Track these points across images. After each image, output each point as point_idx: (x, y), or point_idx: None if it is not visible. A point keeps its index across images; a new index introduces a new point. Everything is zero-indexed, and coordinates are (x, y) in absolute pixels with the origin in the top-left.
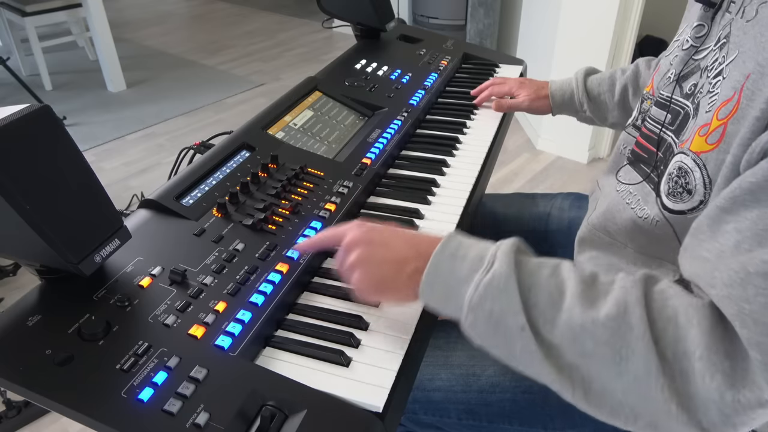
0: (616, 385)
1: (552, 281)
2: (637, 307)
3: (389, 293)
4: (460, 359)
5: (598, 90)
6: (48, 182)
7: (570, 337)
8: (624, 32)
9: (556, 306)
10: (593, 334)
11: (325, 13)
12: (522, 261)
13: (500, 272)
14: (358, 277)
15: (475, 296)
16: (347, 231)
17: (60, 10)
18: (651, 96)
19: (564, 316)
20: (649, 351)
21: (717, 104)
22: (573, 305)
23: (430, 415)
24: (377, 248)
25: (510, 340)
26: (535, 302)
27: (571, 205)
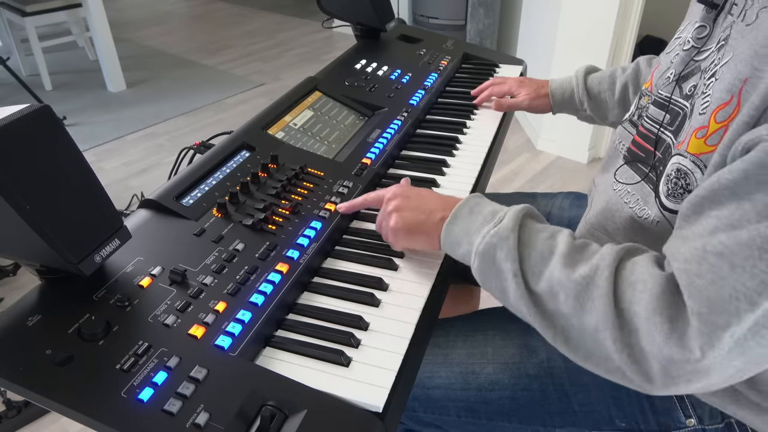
0: (583, 335)
1: (546, 242)
2: (606, 270)
3: (419, 236)
4: (459, 357)
5: (598, 88)
6: (48, 182)
7: (548, 288)
8: (624, 32)
9: (544, 262)
10: (566, 288)
11: (325, 13)
12: (526, 222)
13: (505, 226)
14: (393, 221)
15: (482, 244)
16: (389, 189)
17: (60, 10)
18: (650, 93)
19: (547, 271)
20: (608, 307)
21: (712, 107)
22: (556, 263)
23: (430, 413)
24: (413, 200)
25: (505, 284)
26: (527, 255)
27: (572, 204)
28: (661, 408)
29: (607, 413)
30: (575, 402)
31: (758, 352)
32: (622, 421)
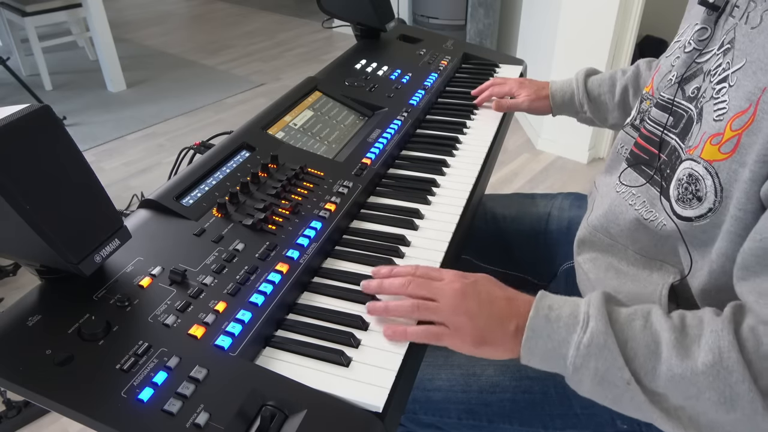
0: (724, 419)
1: (647, 333)
2: (732, 351)
3: (488, 347)
4: (460, 359)
5: (598, 91)
6: (48, 182)
7: (672, 386)
8: (624, 32)
9: (655, 357)
10: (694, 383)
11: (325, 13)
12: (614, 313)
13: (597, 330)
14: (463, 329)
15: (577, 358)
16: (447, 276)
17: (60, 10)
18: (651, 96)
19: (663, 367)
20: (752, 391)
21: (729, 114)
22: (670, 356)
23: (431, 415)
24: (484, 304)
25: (617, 393)
26: (633, 355)
27: (571, 204)
28: None
29: (609, 416)
30: (576, 404)
31: None
32: (624, 424)
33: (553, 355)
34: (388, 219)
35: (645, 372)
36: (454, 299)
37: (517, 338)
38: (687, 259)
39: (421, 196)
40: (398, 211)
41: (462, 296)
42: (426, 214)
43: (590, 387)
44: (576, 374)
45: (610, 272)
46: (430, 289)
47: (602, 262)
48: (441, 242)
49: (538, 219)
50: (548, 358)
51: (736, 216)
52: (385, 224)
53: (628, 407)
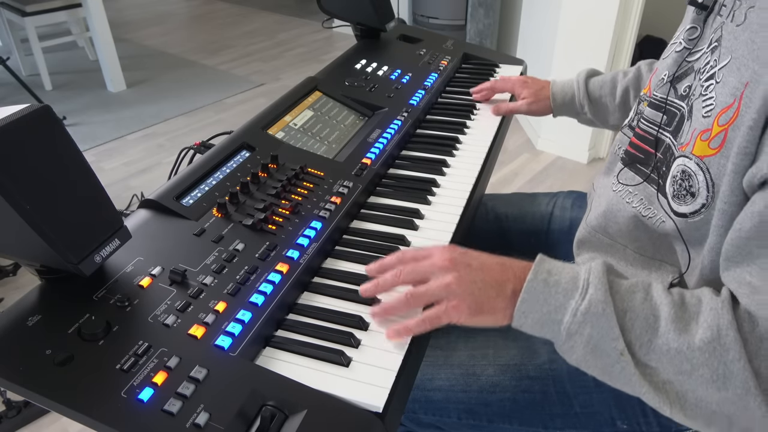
0: (713, 398)
1: (646, 305)
2: (730, 330)
3: (485, 315)
4: (460, 359)
5: (599, 92)
6: (48, 182)
7: (666, 360)
8: (624, 32)
9: (652, 331)
10: (690, 358)
11: (325, 13)
12: (615, 284)
13: (596, 298)
14: (457, 299)
15: (573, 324)
16: (435, 252)
17: (60, 10)
18: (647, 98)
19: (660, 341)
20: (746, 370)
21: (716, 110)
22: (668, 330)
23: (431, 414)
24: (476, 271)
25: (608, 363)
26: (630, 326)
27: (573, 204)
28: None
29: (609, 415)
30: (576, 404)
31: None
32: (624, 423)
33: (548, 319)
34: (388, 219)
35: (641, 344)
36: (445, 274)
37: (512, 302)
38: (685, 257)
39: (421, 196)
40: (398, 211)
41: (452, 269)
42: (426, 214)
43: (581, 355)
44: (569, 341)
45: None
46: (419, 271)
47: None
48: (441, 242)
49: (541, 218)
50: (542, 323)
51: (722, 209)
52: (385, 224)
53: (616, 378)
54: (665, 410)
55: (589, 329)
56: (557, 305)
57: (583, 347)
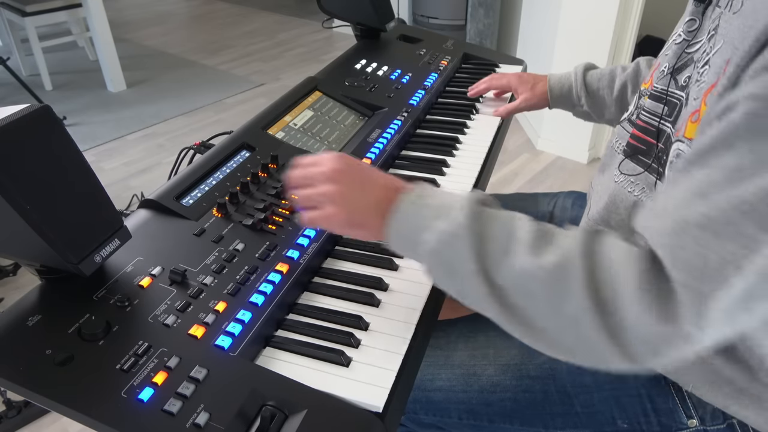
0: (554, 324)
1: (505, 231)
2: (578, 256)
3: (358, 229)
4: (460, 359)
5: (597, 85)
6: (48, 182)
7: (515, 279)
8: (624, 32)
9: (506, 253)
10: (536, 278)
11: (325, 13)
12: (480, 211)
13: (457, 221)
14: (331, 210)
15: (432, 242)
16: (327, 160)
17: (60, 10)
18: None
19: (511, 261)
20: (586, 293)
21: (704, 90)
22: (520, 252)
23: (431, 415)
24: (358, 185)
25: (462, 283)
26: (486, 250)
27: (573, 203)
28: (663, 409)
29: (610, 414)
30: (577, 403)
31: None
32: (624, 422)
33: (411, 237)
34: None
35: (493, 265)
36: (327, 183)
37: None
38: None
39: None
40: None
41: (335, 180)
42: None
43: (440, 273)
44: (428, 258)
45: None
46: (307, 177)
47: None
48: None
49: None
50: (406, 240)
51: None
52: None
53: (471, 298)
54: (511, 329)
55: (446, 249)
56: (421, 225)
57: (439, 266)
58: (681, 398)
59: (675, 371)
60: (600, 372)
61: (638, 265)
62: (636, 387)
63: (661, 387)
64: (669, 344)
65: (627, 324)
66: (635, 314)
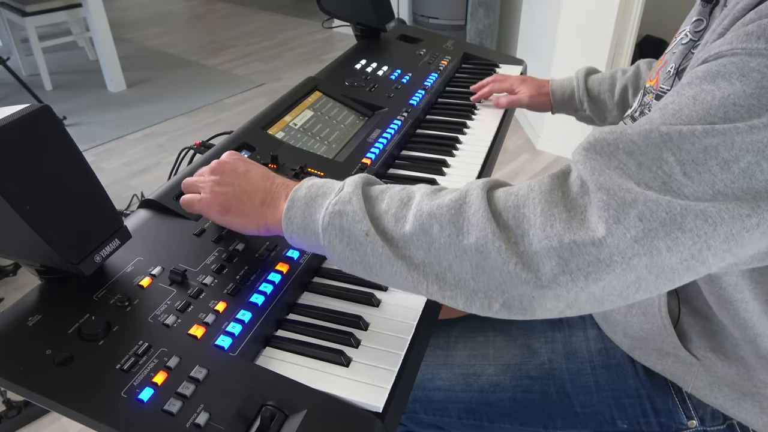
0: (464, 266)
1: (403, 192)
2: (477, 189)
3: (232, 216)
4: (460, 359)
5: (598, 89)
6: (48, 182)
7: (418, 226)
8: (624, 32)
9: (405, 206)
10: (438, 217)
11: (325, 13)
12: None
13: (347, 192)
14: (209, 196)
15: (325, 217)
16: (223, 155)
17: (60, 10)
18: (653, 90)
19: (413, 210)
20: (486, 219)
21: None
22: (421, 200)
23: (431, 414)
24: (237, 177)
25: (360, 248)
26: (384, 209)
27: None
28: (662, 409)
29: (609, 414)
30: (577, 403)
31: (666, 259)
32: (624, 423)
33: (308, 222)
34: None
35: (394, 220)
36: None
37: (263, 211)
38: None
39: None
40: None
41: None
42: None
43: (339, 248)
44: (325, 235)
45: None
46: (202, 167)
47: None
48: None
49: None
50: (304, 228)
51: None
52: None
53: (374, 265)
54: (422, 289)
55: (338, 219)
56: (315, 207)
57: (337, 239)
58: (681, 399)
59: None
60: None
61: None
62: (636, 387)
63: (661, 388)
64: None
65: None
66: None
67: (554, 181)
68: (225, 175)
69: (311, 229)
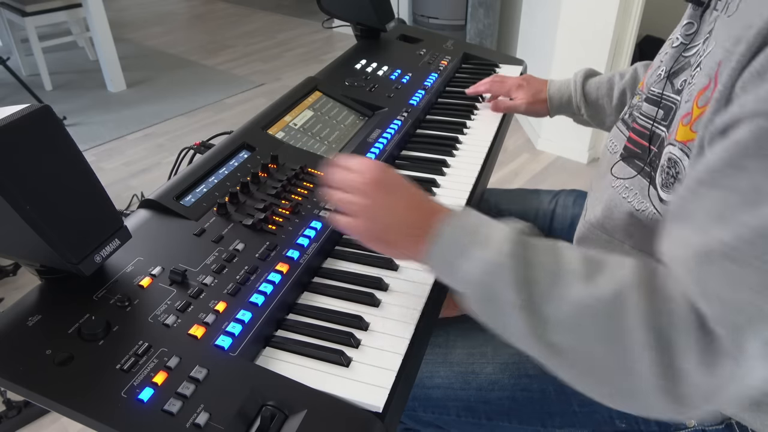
0: (605, 360)
1: (551, 258)
2: (633, 288)
3: (381, 245)
4: (459, 357)
5: (596, 94)
6: (48, 182)
7: (566, 312)
8: (624, 32)
9: (555, 283)
10: (590, 310)
11: (325, 13)
12: (522, 239)
13: (500, 249)
14: (360, 223)
15: (476, 272)
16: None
17: (60, 10)
18: (641, 92)
19: (562, 291)
20: (642, 328)
21: (695, 93)
22: (572, 282)
23: (430, 412)
24: (390, 203)
25: (501, 314)
26: (534, 279)
27: (575, 202)
28: None
29: (607, 414)
30: (575, 402)
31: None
32: (622, 422)
33: (453, 266)
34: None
35: (541, 297)
36: (361, 194)
37: (417, 243)
38: None
39: None
40: None
41: (370, 194)
42: None
43: (480, 304)
44: (469, 287)
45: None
46: (344, 182)
47: None
48: None
49: (543, 216)
50: (447, 267)
51: None
52: None
53: (511, 332)
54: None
55: (487, 278)
56: (462, 252)
57: (480, 296)
58: None
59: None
60: None
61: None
62: None
63: None
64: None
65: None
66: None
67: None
68: (377, 201)
69: (453, 273)
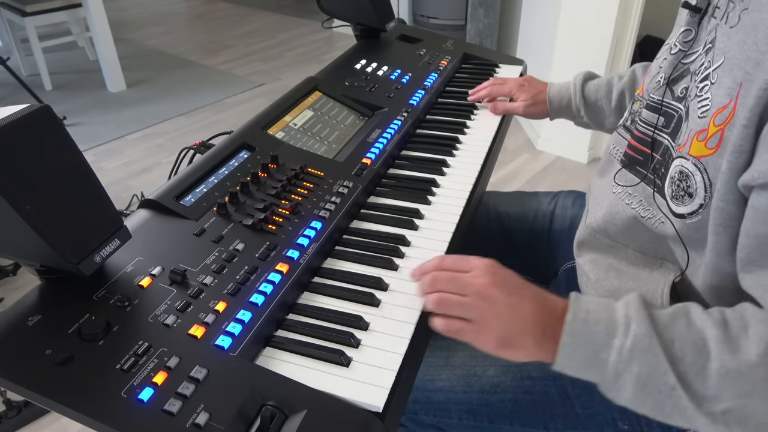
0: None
1: (692, 331)
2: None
3: (510, 350)
4: (461, 360)
5: (595, 96)
6: (48, 182)
7: (726, 384)
8: (624, 32)
9: (704, 356)
10: (749, 376)
11: (325, 13)
12: (655, 315)
13: (640, 333)
14: (486, 328)
15: (620, 363)
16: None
17: (60, 10)
18: (641, 98)
19: (714, 364)
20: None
21: (712, 110)
22: (721, 352)
23: (431, 415)
24: (512, 303)
25: (660, 399)
26: (681, 356)
27: (574, 202)
28: None
29: (610, 416)
30: (578, 405)
31: None
32: (625, 424)
33: (593, 360)
34: (388, 219)
35: (696, 372)
36: (481, 297)
37: (544, 343)
38: (684, 258)
39: (421, 196)
40: (398, 211)
41: (490, 296)
42: (426, 214)
43: (632, 394)
44: (617, 381)
45: (610, 273)
46: (456, 284)
47: (602, 262)
48: (441, 242)
49: (542, 218)
50: (587, 365)
51: (719, 207)
52: (385, 224)
53: (670, 414)
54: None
55: (637, 366)
56: (601, 345)
57: (633, 386)
58: None
59: None
60: None
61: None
62: None
63: None
64: None
65: None
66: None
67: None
68: (498, 305)
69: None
